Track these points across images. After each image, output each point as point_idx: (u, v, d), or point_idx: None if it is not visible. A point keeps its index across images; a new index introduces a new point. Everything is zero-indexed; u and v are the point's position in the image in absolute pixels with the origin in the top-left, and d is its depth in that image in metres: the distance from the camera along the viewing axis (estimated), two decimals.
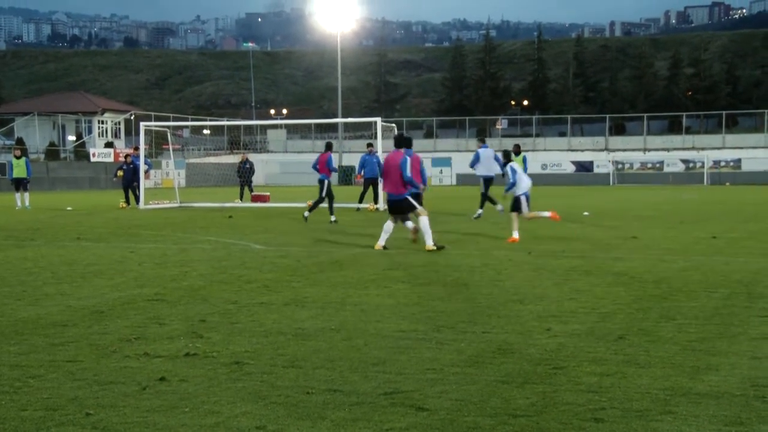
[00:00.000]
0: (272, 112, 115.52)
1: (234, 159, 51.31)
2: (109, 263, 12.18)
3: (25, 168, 29.51)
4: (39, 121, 69.01)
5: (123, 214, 24.88)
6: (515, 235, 15.29)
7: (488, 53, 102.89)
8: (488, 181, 22.74)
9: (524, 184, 15.92)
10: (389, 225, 14.05)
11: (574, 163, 64.21)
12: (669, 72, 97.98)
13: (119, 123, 74.15)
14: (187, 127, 75.49)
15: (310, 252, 13.74)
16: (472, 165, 23.08)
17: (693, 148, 65.04)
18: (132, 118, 70.25)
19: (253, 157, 47.17)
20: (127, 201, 29.76)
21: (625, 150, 66.59)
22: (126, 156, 30.91)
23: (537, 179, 38.50)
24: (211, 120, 78.45)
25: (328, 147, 21.48)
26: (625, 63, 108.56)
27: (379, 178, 22.37)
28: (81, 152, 64.10)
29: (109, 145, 67.32)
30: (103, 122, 72.88)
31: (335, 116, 74.18)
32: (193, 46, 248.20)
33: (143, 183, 29.84)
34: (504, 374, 5.64)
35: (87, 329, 7.20)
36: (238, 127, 74.75)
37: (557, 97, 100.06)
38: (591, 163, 63.85)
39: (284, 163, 71.21)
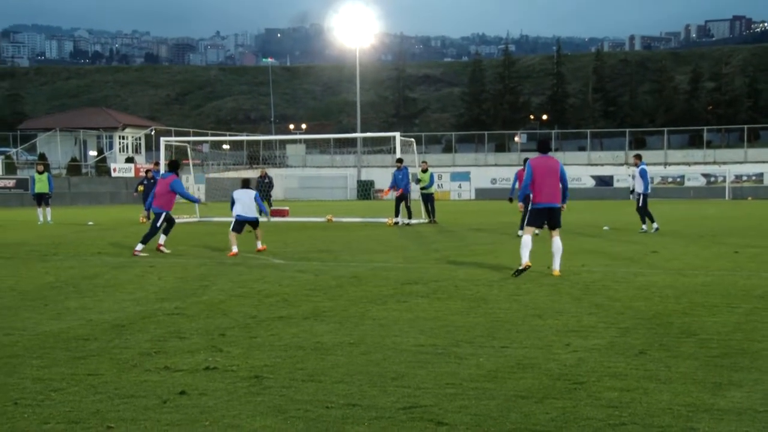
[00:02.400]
0: (291, 127, 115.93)
1: (253, 174, 51.51)
2: (130, 277, 12.24)
3: (48, 183, 29.76)
4: (61, 137, 69.60)
5: (143, 229, 25.00)
6: None
7: (507, 68, 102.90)
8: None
9: None
10: (529, 239, 12.31)
11: (593, 177, 63.98)
12: (690, 86, 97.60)
13: (140, 138, 74.66)
14: (206, 142, 75.85)
15: (329, 266, 13.75)
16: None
17: (714, 163, 64.68)
18: (152, 133, 70.72)
19: (272, 171, 47.33)
20: (148, 216, 29.88)
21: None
22: (147, 171, 31.10)
23: None
24: (230, 135, 78.81)
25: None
26: (645, 77, 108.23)
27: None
28: (102, 167, 64.54)
29: (129, 160, 67.76)
30: (124, 137, 73.39)
31: (354, 131, 74.37)
32: (213, 62, 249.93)
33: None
34: (523, 389, 5.62)
35: (108, 343, 7.24)
36: (257, 141, 75.06)
37: (576, 112, 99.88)
38: (611, 177, 63.60)
39: (303, 177, 71.43)
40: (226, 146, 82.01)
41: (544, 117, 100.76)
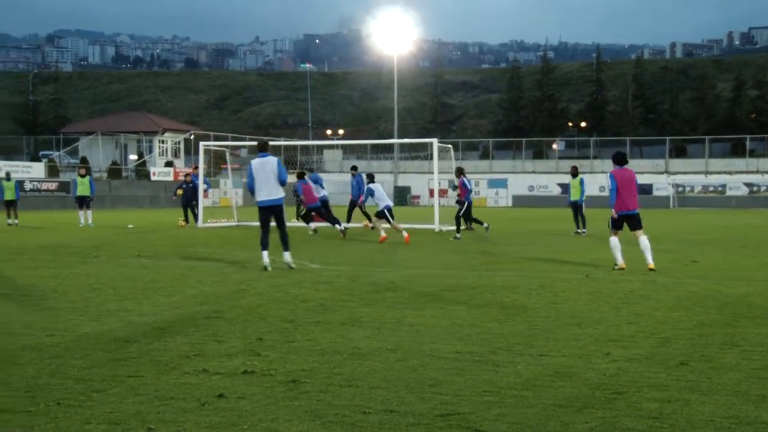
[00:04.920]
0: (329, 132, 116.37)
1: (291, 179, 51.72)
2: (169, 280, 12.35)
3: (89, 186, 30.14)
4: (102, 141, 70.44)
5: (182, 233, 25.23)
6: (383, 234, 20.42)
7: (546, 74, 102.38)
8: None
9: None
10: (617, 240, 14.13)
11: None
12: (732, 94, 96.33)
13: (179, 142, 75.34)
14: (245, 146, 76.37)
15: (366, 272, 13.77)
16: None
17: (757, 172, 63.80)
18: (191, 137, 71.34)
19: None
20: (186, 219, 30.19)
21: (686, 173, 65.61)
22: (186, 175, 31.38)
23: (594, 201, 38.12)
24: (268, 140, 79.19)
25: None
26: (686, 84, 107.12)
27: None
28: (142, 171, 65.22)
29: (169, 164, 68.42)
30: (163, 142, 74.13)
31: (391, 137, 74.44)
32: (252, 67, 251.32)
33: (202, 202, 30.23)
34: (562, 398, 5.58)
35: (148, 345, 7.30)
36: (294, 147, 75.41)
37: (616, 119, 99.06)
38: (650, 185, 63.01)
39: (340, 183, 71.58)
40: None
41: (583, 124, 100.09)
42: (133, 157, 72.17)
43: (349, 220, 26.88)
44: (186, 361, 6.65)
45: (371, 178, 23.80)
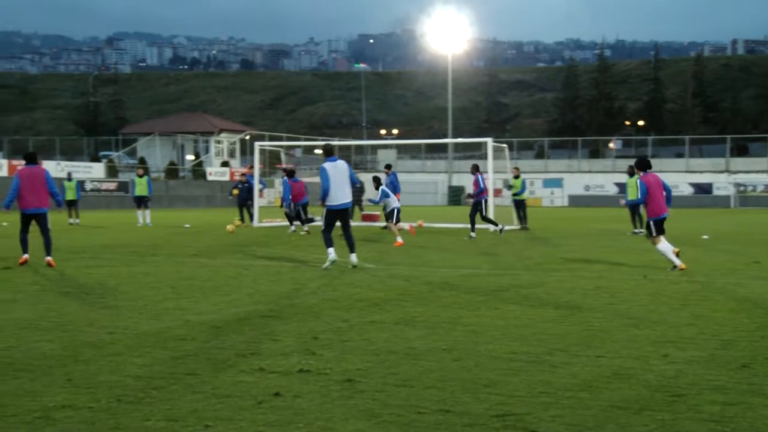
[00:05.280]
0: (383, 132, 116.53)
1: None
2: (225, 279, 12.48)
3: (147, 186, 30.60)
4: (160, 141, 71.47)
5: (238, 232, 25.46)
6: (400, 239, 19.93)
7: (602, 72, 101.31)
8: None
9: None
10: (666, 243, 14.01)
11: (692, 185, 62.41)
12: None
13: (235, 143, 76.08)
14: (299, 146, 76.88)
15: (420, 272, 13.75)
16: None
17: None
18: (247, 138, 72.02)
19: (363, 176, 47.62)
20: (242, 219, 30.46)
21: (747, 172, 64.33)
22: (242, 175, 31.67)
23: None
24: (323, 140, 79.66)
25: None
26: (748, 82, 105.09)
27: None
28: (198, 171, 65.99)
29: (225, 164, 69.11)
30: (219, 142, 74.92)
31: (445, 136, 74.29)
32: (307, 68, 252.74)
33: (257, 201, 30.48)
34: (620, 400, 5.51)
35: (205, 343, 7.38)
36: (349, 146, 75.64)
37: (675, 118, 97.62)
38: (710, 185, 61.96)
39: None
40: (318, 151, 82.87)
41: (641, 123, 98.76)
42: (189, 157, 73.08)
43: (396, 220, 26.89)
44: (242, 359, 6.71)
45: (378, 182, 23.60)
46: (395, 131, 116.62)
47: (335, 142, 63.78)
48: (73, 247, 19.24)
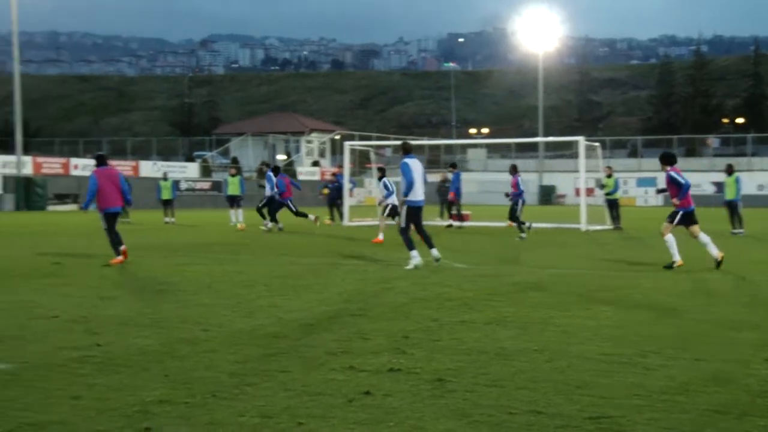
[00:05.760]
0: (472, 131, 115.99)
1: (433, 178, 51.85)
2: (316, 278, 12.60)
3: (239, 186, 31.14)
4: (252, 141, 72.67)
5: (328, 231, 25.70)
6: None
7: (699, 69, 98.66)
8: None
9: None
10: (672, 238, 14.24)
11: None
12: None
13: (325, 142, 76.83)
14: (389, 146, 77.16)
15: (510, 271, 13.65)
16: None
17: None
18: (337, 137, 72.64)
19: (449, 176, 47.44)
20: (332, 218, 30.75)
21: None
22: (332, 174, 31.96)
23: (752, 200, 36.50)
24: (412, 139, 79.70)
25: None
26: None
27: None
28: (289, 171, 66.84)
29: (315, 164, 69.87)
30: (310, 142, 75.78)
31: (536, 135, 73.53)
32: (396, 67, 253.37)
33: (347, 201, 30.70)
34: (719, 404, 5.36)
35: (296, 341, 7.47)
36: (438, 146, 75.56)
37: None
38: None
39: (484, 182, 71.25)
40: None
41: (739, 120, 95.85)
42: (281, 156, 74.08)
43: (461, 218, 27.06)
44: (333, 357, 6.77)
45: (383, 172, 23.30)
46: (485, 130, 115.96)
47: (425, 142, 63.61)
48: (169, 245, 19.72)
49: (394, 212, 20.65)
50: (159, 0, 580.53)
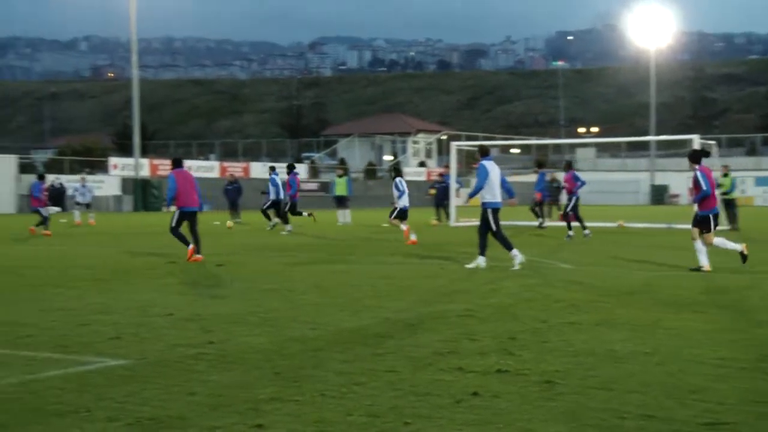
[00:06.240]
0: (581, 130, 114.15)
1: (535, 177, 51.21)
2: (422, 278, 12.63)
3: (346, 186, 31.49)
4: (359, 142, 73.33)
5: (435, 231, 25.71)
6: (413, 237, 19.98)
7: None
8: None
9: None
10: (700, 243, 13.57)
11: None
12: None
13: (431, 143, 76.87)
14: (496, 146, 76.65)
15: (619, 272, 13.38)
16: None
17: None
18: (443, 138, 72.59)
19: (560, 176, 46.87)
20: (439, 218, 30.76)
21: None
22: (439, 174, 31.98)
23: None
24: (519, 139, 79.05)
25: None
26: None
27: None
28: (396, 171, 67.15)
29: (421, 164, 69.98)
30: (416, 142, 75.95)
31: (647, 134, 71.87)
32: (503, 67, 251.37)
33: (454, 201, 30.66)
34: None
35: (403, 341, 7.50)
36: (546, 145, 74.64)
37: None
38: None
39: (593, 182, 69.95)
40: (515, 150, 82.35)
41: None
42: (387, 157, 74.51)
43: (543, 216, 26.77)
44: (440, 358, 6.77)
45: (398, 172, 23.44)
46: (594, 129, 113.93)
47: (532, 142, 62.87)
48: (276, 245, 20.09)
49: (401, 215, 21.54)
50: (269, 4, 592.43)
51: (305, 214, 26.43)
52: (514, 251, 13.94)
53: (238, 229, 27.64)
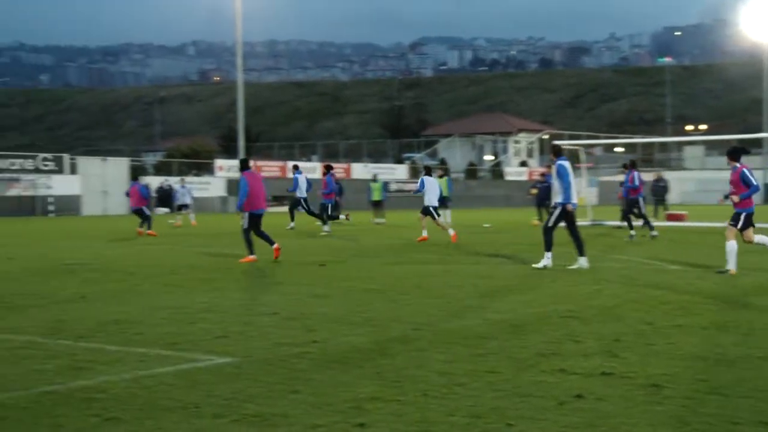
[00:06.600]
0: (689, 128, 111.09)
1: (647, 177, 50.13)
2: (523, 279, 12.51)
3: (447, 187, 31.42)
4: (459, 142, 73.14)
5: (536, 232, 25.40)
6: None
7: None
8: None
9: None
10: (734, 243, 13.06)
11: None
12: None
13: (533, 142, 76.11)
14: (599, 145, 75.29)
15: (731, 276, 12.95)
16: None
17: None
18: (545, 137, 71.75)
19: (667, 174, 45.76)
20: (540, 218, 30.39)
21: None
22: (541, 174, 31.62)
23: None
24: (623, 137, 77.51)
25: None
26: None
27: None
28: (497, 171, 66.74)
29: (523, 164, 69.36)
30: (517, 142, 75.32)
31: (760, 131, 69.44)
32: (607, 64, 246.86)
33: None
34: None
35: (505, 342, 7.44)
36: (651, 144, 72.94)
37: None
38: None
39: (701, 180, 68.13)
40: (619, 149, 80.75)
41: None
42: (488, 157, 74.11)
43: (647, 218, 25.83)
44: (542, 359, 6.69)
45: (428, 171, 23.01)
46: (702, 127, 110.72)
47: (637, 140, 61.59)
48: (379, 245, 20.21)
49: (426, 211, 21.39)
50: (370, 6, 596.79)
51: (342, 216, 26.17)
52: (548, 254, 14.07)
53: (338, 229, 27.90)
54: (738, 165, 13.32)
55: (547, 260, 14.00)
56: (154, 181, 50.83)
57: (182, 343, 7.47)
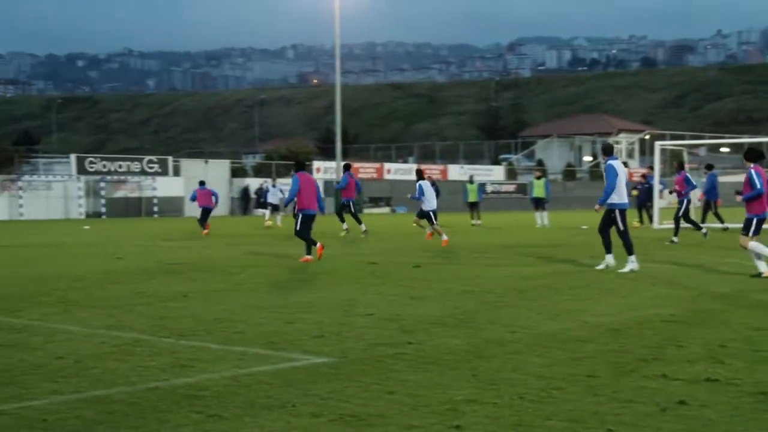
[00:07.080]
0: None
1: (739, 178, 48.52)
2: (623, 281, 12.27)
3: (544, 188, 31.08)
4: (557, 143, 72.24)
5: (638, 234, 24.86)
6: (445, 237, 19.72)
7: None
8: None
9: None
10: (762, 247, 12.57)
11: None
12: None
13: (634, 143, 74.60)
14: (703, 145, 73.27)
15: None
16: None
17: None
18: (647, 137, 70.22)
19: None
20: (641, 220, 29.79)
21: None
22: (642, 176, 30.97)
23: None
24: (729, 137, 75.22)
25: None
26: None
27: None
28: (596, 172, 65.63)
29: (624, 165, 68.09)
30: (618, 142, 73.90)
31: None
32: (713, 62, 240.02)
33: (657, 203, 29.58)
34: None
35: (604, 346, 7.30)
36: (759, 144, 70.62)
37: None
38: None
39: None
40: (724, 149, 78.38)
41: None
42: (587, 158, 72.97)
43: (703, 220, 24.86)
44: (644, 364, 6.53)
45: (420, 176, 21.94)
46: None
47: (744, 140, 59.84)
48: (475, 247, 20.11)
49: (422, 215, 20.94)
50: (467, 7, 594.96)
51: (345, 226, 25.24)
52: (632, 257, 13.77)
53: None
54: (752, 166, 12.95)
55: (632, 264, 13.74)
56: (254, 183, 51.84)
57: (280, 343, 7.58)
